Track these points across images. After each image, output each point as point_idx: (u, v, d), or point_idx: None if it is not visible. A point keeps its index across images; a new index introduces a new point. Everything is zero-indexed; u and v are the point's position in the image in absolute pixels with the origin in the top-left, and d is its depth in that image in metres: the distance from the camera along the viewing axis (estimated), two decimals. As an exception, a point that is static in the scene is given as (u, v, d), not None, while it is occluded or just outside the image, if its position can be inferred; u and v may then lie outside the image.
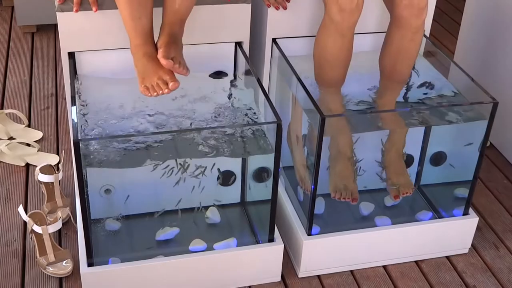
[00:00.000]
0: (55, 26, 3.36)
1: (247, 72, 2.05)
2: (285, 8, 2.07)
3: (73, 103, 1.84)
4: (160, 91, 1.77)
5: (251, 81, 2.01)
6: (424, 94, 2.12)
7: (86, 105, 1.94)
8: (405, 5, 1.95)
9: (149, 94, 1.79)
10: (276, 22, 2.12)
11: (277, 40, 2.15)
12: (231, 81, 2.10)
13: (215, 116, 1.95)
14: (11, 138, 2.57)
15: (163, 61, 1.77)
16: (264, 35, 2.16)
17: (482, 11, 2.66)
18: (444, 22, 3.65)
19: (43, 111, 2.76)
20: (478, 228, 2.21)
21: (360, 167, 2.15)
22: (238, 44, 2.09)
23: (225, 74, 2.11)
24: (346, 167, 2.07)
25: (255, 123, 1.93)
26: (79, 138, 1.71)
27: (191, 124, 1.92)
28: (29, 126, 2.67)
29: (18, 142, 2.53)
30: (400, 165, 2.16)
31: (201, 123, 1.92)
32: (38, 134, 2.61)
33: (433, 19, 2.35)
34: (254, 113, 1.96)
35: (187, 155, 1.91)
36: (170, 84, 1.77)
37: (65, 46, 1.98)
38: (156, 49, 1.82)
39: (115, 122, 1.89)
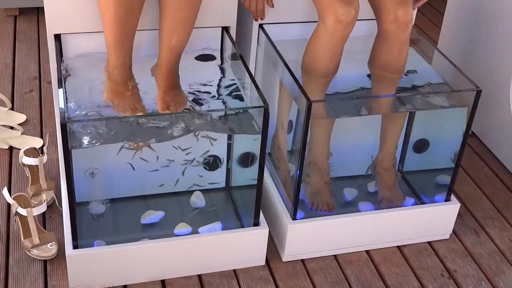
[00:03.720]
0: (37, 9, 3.34)
1: (234, 57, 2.06)
2: (262, 18, 2.09)
3: (60, 85, 1.83)
4: (126, 113, 1.85)
5: (237, 66, 2.02)
6: (408, 80, 2.14)
7: (71, 87, 1.94)
8: (391, 20, 1.99)
9: (113, 109, 1.87)
10: (264, 7, 2.12)
11: (264, 25, 2.15)
12: (219, 65, 2.11)
13: (201, 98, 1.96)
14: (-6, 121, 2.56)
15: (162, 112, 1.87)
16: (251, 21, 2.16)
17: (466, 2, 2.69)
18: (428, 12, 3.68)
19: (27, 94, 2.74)
20: (459, 215, 2.24)
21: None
22: (225, 29, 2.10)
23: (213, 57, 2.11)
24: (322, 179, 2.11)
25: (242, 107, 1.94)
26: (66, 119, 1.71)
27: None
28: (12, 109, 2.65)
29: (1, 125, 2.51)
30: (392, 178, 2.20)
31: (188, 104, 1.93)
32: (22, 117, 2.59)
33: (417, 10, 2.37)
34: (241, 96, 1.97)
35: (171, 136, 1.92)
36: (138, 113, 1.87)
37: (51, 28, 1.97)
38: (131, 71, 1.91)
39: (101, 104, 1.89)
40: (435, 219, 2.17)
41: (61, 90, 1.80)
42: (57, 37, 1.98)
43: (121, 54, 1.88)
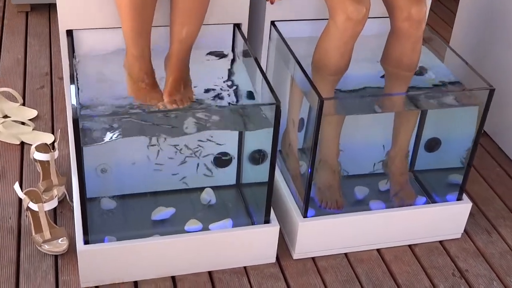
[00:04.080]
0: (49, 6, 3.34)
1: (246, 54, 2.05)
2: (272, 2, 2.08)
3: (72, 81, 1.83)
4: (149, 105, 1.86)
5: (249, 63, 2.01)
6: (421, 78, 2.13)
7: (84, 83, 1.94)
8: (404, 18, 1.98)
9: (137, 101, 1.88)
10: (275, 4, 2.12)
11: (275, 22, 2.15)
12: (230, 61, 2.11)
13: (213, 96, 1.95)
14: (5, 117, 2.56)
15: (168, 106, 1.85)
16: (262, 18, 2.15)
17: (478, 1, 2.67)
18: (440, 11, 3.66)
19: (38, 90, 2.75)
20: (471, 214, 2.23)
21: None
22: (237, 26, 2.09)
23: (224, 55, 2.11)
24: (332, 178, 2.10)
25: (254, 104, 1.93)
26: (78, 115, 1.71)
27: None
28: (23, 104, 2.66)
29: (13, 121, 2.52)
30: (404, 176, 2.19)
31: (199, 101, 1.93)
32: (33, 113, 2.60)
33: (429, 9, 2.36)
34: (252, 93, 1.97)
35: (184, 131, 1.92)
36: (160, 106, 1.87)
37: (63, 23, 1.97)
38: (151, 63, 1.91)
39: (113, 100, 1.89)
40: (446, 218, 2.16)
41: (73, 86, 1.80)
42: (69, 33, 1.98)
43: (139, 44, 1.87)
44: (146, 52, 1.91)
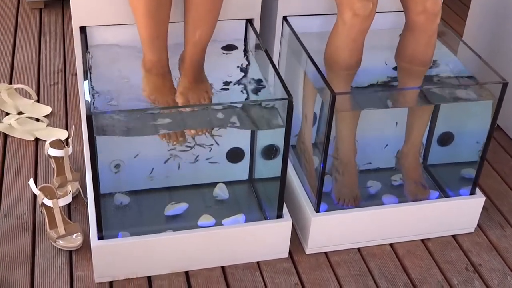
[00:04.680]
0: (62, 2, 3.36)
1: (258, 49, 2.06)
2: None
3: (85, 77, 1.84)
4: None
5: (261, 58, 2.02)
6: (433, 72, 2.13)
7: (97, 79, 1.95)
8: (419, 11, 1.97)
9: (152, 103, 1.89)
10: (288, 0, 2.12)
11: (288, 18, 2.15)
12: (243, 55, 2.11)
13: (225, 89, 1.96)
14: (20, 113, 2.58)
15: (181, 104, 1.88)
16: (275, 13, 2.16)
17: (492, -7, 2.66)
18: (453, 4, 3.64)
19: (52, 87, 2.76)
20: (484, 209, 2.22)
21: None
22: (249, 21, 2.10)
23: (236, 48, 2.11)
24: (350, 176, 2.11)
25: (266, 99, 1.94)
26: (92, 111, 1.72)
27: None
28: (38, 101, 2.68)
29: (27, 117, 2.54)
30: (418, 171, 2.19)
31: (213, 97, 1.93)
32: (47, 109, 2.62)
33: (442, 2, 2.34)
34: (264, 86, 1.97)
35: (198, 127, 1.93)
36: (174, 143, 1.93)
37: (77, 20, 1.98)
38: (168, 65, 1.92)
39: (126, 96, 1.90)
40: (459, 213, 2.15)
41: (86, 82, 1.82)
42: (83, 30, 1.99)
43: (157, 49, 1.89)
44: (163, 56, 1.92)
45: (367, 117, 2.10)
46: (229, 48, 2.11)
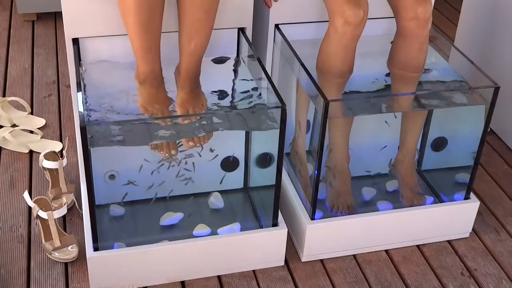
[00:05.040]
0: (55, 14, 3.37)
1: (250, 58, 2.06)
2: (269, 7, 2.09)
3: (79, 88, 1.85)
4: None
5: (254, 66, 2.02)
6: (425, 78, 2.14)
7: (90, 90, 1.95)
8: (410, 18, 1.98)
9: (146, 114, 1.89)
10: (279, 8, 2.13)
11: (279, 25, 2.16)
12: (234, 64, 2.11)
13: (220, 98, 1.97)
14: (14, 126, 2.58)
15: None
16: (267, 21, 2.16)
17: (483, -2, 2.68)
18: (444, 9, 3.66)
19: (46, 99, 2.76)
20: (479, 213, 2.23)
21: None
22: (241, 30, 2.10)
23: (228, 59, 2.12)
24: (344, 183, 2.11)
25: (260, 105, 1.94)
26: (86, 123, 1.73)
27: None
28: (31, 113, 2.68)
29: (21, 129, 2.54)
30: (413, 178, 2.19)
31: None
32: (41, 121, 2.62)
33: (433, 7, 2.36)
34: (260, 94, 1.97)
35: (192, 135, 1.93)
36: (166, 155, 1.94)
37: (69, 32, 1.98)
38: (162, 76, 1.93)
39: (120, 106, 1.90)
40: (454, 218, 2.16)
41: (80, 94, 1.82)
42: (75, 41, 1.99)
43: (150, 60, 1.89)
44: (156, 67, 1.92)
45: (360, 124, 2.11)
46: (220, 61, 2.11)
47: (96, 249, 1.88)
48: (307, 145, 2.18)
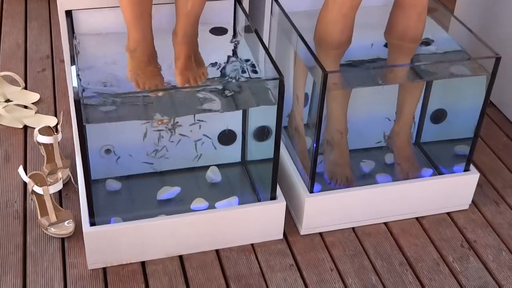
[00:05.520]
0: (48, -12, 3.32)
1: (247, 29, 2.03)
2: None
3: (72, 62, 1.81)
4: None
5: (251, 38, 1.99)
6: (426, 49, 2.11)
7: (84, 63, 1.92)
8: None
9: (136, 88, 1.84)
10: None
11: (277, -4, 2.12)
12: (232, 38, 2.08)
13: (218, 70, 1.94)
14: (8, 101, 2.55)
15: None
16: (263, -8, 2.13)
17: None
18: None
19: (40, 73, 2.73)
20: (479, 185, 2.21)
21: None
22: (238, 1, 2.07)
23: (225, 30, 2.08)
24: (342, 155, 2.09)
25: (257, 79, 1.91)
26: (80, 96, 1.70)
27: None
28: (25, 88, 2.64)
29: (15, 105, 2.51)
30: (409, 149, 2.17)
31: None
32: (35, 96, 2.59)
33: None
34: (255, 69, 1.94)
35: (188, 111, 1.90)
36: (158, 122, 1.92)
37: (62, 4, 1.95)
38: (154, 47, 1.89)
39: (115, 80, 1.87)
40: (454, 190, 2.14)
41: (73, 67, 1.79)
42: (68, 14, 1.96)
43: (140, 27, 1.86)
44: (148, 34, 1.88)
45: (358, 95, 2.08)
46: (218, 30, 2.07)
47: (92, 224, 1.87)
48: (305, 118, 2.16)
